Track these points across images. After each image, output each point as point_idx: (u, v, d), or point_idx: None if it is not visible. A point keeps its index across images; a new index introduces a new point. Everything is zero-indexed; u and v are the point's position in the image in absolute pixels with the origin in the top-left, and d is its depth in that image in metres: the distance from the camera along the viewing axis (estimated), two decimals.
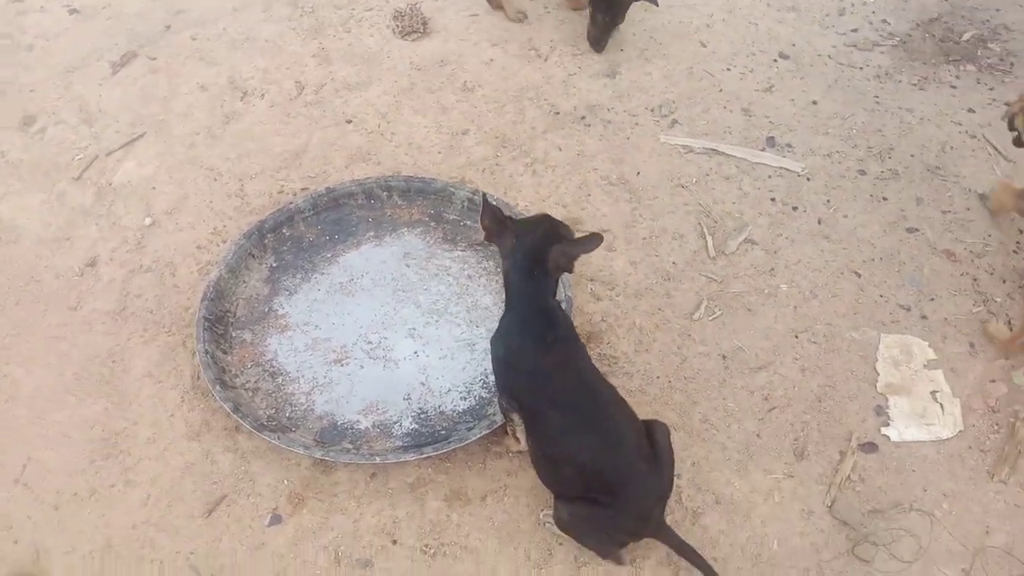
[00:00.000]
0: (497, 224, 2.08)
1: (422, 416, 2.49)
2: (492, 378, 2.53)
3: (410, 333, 2.69)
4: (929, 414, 2.51)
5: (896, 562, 2.21)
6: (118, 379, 2.60)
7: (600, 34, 3.59)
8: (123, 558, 2.23)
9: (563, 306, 2.26)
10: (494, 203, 2.12)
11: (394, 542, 2.25)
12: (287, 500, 2.32)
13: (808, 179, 3.19)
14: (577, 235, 2.12)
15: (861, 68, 3.66)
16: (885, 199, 3.12)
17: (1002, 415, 2.52)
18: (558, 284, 2.15)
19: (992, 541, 2.27)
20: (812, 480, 2.38)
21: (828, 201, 3.11)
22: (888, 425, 2.49)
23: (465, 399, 2.54)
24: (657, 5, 3.45)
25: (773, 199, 3.11)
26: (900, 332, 2.71)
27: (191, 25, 3.81)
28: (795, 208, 3.08)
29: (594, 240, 2.03)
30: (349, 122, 3.38)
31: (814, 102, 3.50)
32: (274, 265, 2.86)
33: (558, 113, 3.43)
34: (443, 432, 2.44)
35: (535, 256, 2.04)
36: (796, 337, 2.70)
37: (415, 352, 2.64)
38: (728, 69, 3.64)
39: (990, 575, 2.21)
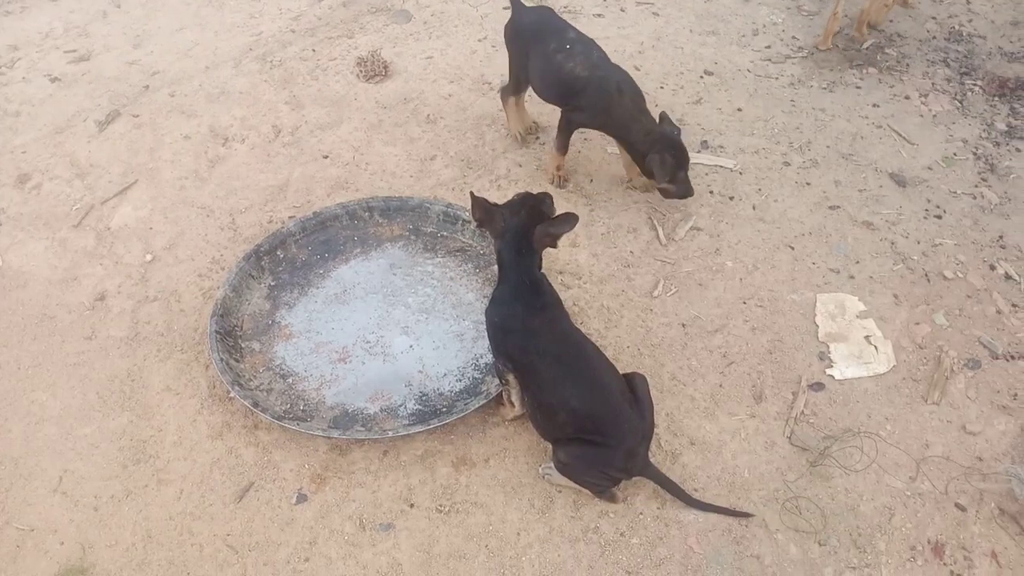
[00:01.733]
0: (486, 212, 2.42)
1: (423, 398, 2.77)
2: (483, 360, 2.85)
3: (404, 331, 2.98)
4: (866, 355, 2.88)
5: (851, 473, 2.55)
6: (139, 395, 2.82)
7: (682, 185, 3.24)
8: (164, 545, 2.44)
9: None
10: (480, 196, 2.45)
11: (411, 506, 2.51)
12: (310, 480, 2.57)
13: (740, 173, 3.60)
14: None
15: (777, 78, 4.14)
16: (808, 184, 3.54)
17: (928, 350, 2.91)
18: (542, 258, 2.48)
19: (931, 452, 2.63)
20: (771, 418, 2.71)
21: (759, 190, 3.52)
22: (832, 367, 2.85)
23: (460, 381, 2.82)
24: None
25: (712, 192, 3.51)
26: (833, 291, 3.10)
27: (168, 84, 4.12)
28: (731, 198, 3.48)
29: (571, 219, 2.38)
30: (326, 157, 3.70)
31: (739, 109, 3.94)
32: (272, 284, 3.13)
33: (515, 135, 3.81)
34: (444, 409, 2.72)
35: (522, 235, 2.38)
36: (744, 303, 3.07)
37: (410, 346, 2.93)
38: (661, 87, 4.08)
39: (932, 479, 2.56)
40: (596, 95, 3.22)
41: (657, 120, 3.25)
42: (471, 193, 2.53)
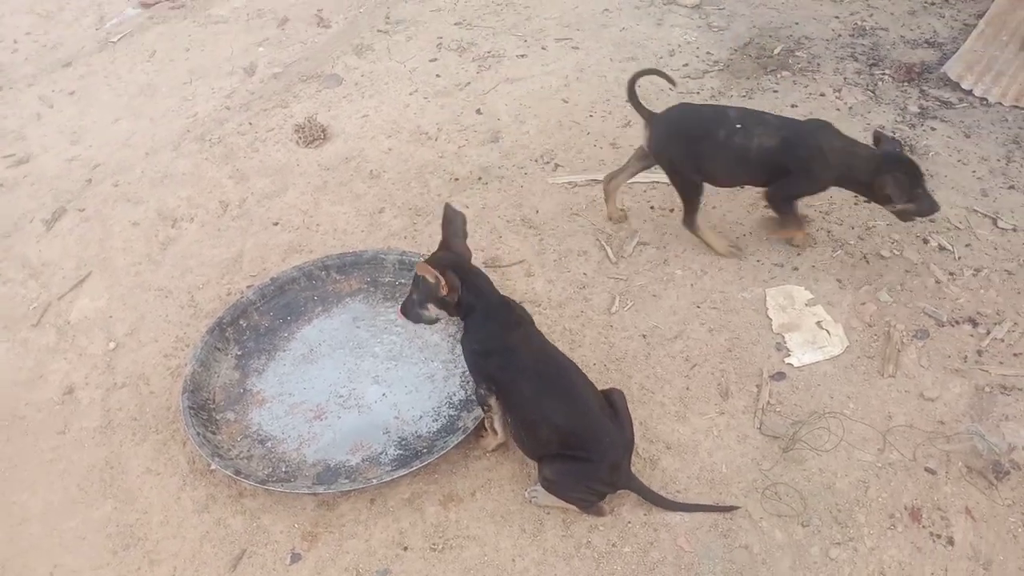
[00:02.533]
0: (453, 280, 2.46)
1: (403, 442, 2.82)
2: (457, 398, 2.91)
3: (375, 380, 3.03)
4: (819, 340, 3.00)
5: (822, 454, 2.65)
6: (119, 481, 2.82)
7: (922, 200, 3.04)
8: None
9: None
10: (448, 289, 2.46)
11: (405, 549, 2.54)
12: (302, 539, 2.59)
13: None
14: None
15: (698, 92, 4.32)
16: (742, 188, 3.69)
17: (877, 327, 3.04)
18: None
19: (895, 423, 2.74)
20: (740, 412, 2.81)
21: None
22: (789, 356, 2.96)
23: (436, 420, 2.88)
24: None
25: (652, 207, 3.65)
26: (780, 284, 3.23)
27: (110, 175, 4.16)
28: (672, 210, 3.61)
29: (447, 210, 2.58)
30: (276, 224, 3.76)
31: None
32: (239, 353, 3.16)
33: (457, 179, 3.92)
34: (424, 450, 2.76)
35: (461, 266, 2.48)
36: (698, 307, 3.18)
37: (383, 394, 2.98)
38: (591, 116, 4.23)
39: (900, 448, 2.67)
40: (804, 158, 3.06)
41: (873, 141, 3.10)
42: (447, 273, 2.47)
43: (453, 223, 2.56)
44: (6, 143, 4.53)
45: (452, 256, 2.54)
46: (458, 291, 2.48)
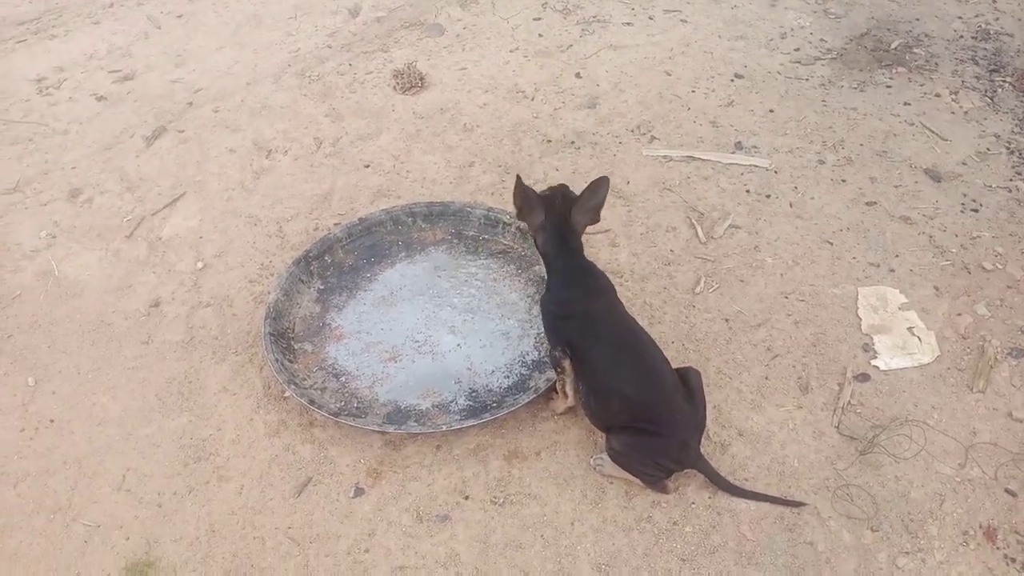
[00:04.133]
0: (527, 202, 2.46)
1: (473, 394, 2.83)
2: (530, 357, 2.90)
3: (451, 330, 3.04)
4: (909, 345, 2.90)
5: (900, 461, 2.57)
6: (196, 396, 2.90)
7: None
8: (227, 539, 2.50)
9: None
10: (525, 184, 2.47)
11: (466, 498, 2.56)
12: (366, 475, 2.62)
13: (775, 172, 3.65)
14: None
15: (807, 79, 4.19)
16: (844, 181, 3.58)
17: (971, 340, 2.93)
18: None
19: (979, 439, 2.64)
20: (818, 408, 2.74)
21: (795, 188, 3.56)
22: (876, 358, 2.87)
23: (508, 377, 2.88)
24: None
25: (748, 191, 3.56)
26: (874, 284, 3.13)
27: (211, 100, 4.24)
28: (768, 196, 3.52)
29: (603, 183, 2.41)
30: (367, 166, 3.79)
31: (771, 110, 3.99)
32: (321, 288, 3.21)
33: (550, 141, 3.88)
34: (494, 404, 2.77)
35: (562, 223, 2.44)
36: (786, 298, 3.10)
37: (458, 345, 2.99)
38: (693, 91, 4.14)
39: (981, 465, 2.58)
40: None
41: None
42: (518, 176, 2.50)
43: (597, 193, 2.43)
44: (114, 59, 4.64)
45: (559, 202, 2.47)
46: (521, 216, 2.47)
